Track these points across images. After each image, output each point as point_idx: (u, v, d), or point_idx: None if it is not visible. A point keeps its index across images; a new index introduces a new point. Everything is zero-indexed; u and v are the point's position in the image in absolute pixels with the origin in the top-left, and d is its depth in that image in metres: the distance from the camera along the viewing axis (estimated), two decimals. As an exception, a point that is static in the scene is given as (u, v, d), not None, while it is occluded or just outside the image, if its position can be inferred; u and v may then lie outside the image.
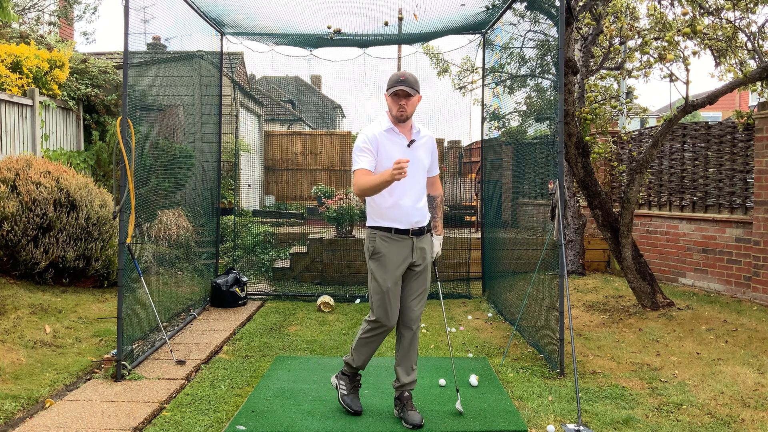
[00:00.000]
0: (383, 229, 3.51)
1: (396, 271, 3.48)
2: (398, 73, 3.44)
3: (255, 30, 6.74)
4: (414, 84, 3.43)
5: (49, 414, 3.61)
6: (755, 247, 6.54)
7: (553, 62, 5.13)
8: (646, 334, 5.33)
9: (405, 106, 3.41)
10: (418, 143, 3.54)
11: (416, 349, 3.61)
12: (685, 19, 5.85)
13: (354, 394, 3.74)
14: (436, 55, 9.03)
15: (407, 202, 3.48)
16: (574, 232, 8.29)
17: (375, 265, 3.51)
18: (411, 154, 3.48)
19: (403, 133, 3.52)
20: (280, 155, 13.85)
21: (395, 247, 3.48)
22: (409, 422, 3.50)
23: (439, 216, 3.73)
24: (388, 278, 3.46)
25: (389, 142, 3.47)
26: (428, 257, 3.59)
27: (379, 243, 3.50)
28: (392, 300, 3.48)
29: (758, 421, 3.53)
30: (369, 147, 3.43)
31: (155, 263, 6.71)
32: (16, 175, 6.03)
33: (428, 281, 3.62)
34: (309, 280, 8.14)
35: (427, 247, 3.59)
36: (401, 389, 3.63)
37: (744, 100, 30.61)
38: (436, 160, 3.68)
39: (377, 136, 3.46)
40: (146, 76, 5.77)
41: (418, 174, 3.52)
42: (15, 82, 7.36)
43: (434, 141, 3.66)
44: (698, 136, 7.51)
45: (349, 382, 3.74)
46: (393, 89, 3.39)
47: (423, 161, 3.56)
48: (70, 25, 16.09)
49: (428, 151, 3.61)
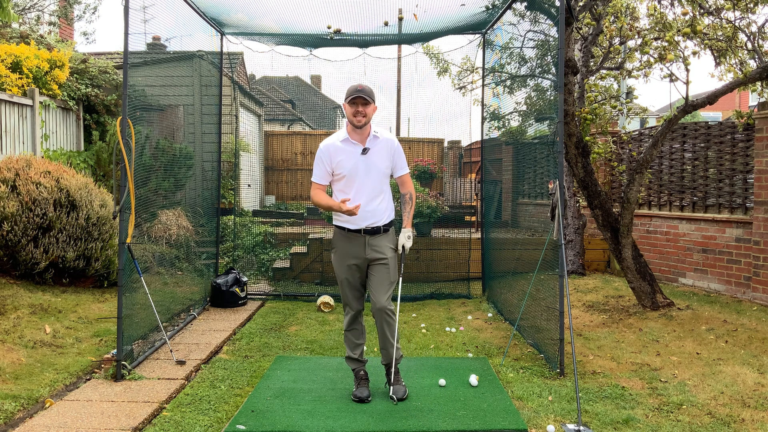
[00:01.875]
0: (339, 228, 3.94)
1: (348, 265, 3.89)
2: (355, 85, 3.81)
3: (255, 30, 6.74)
4: (370, 94, 3.81)
5: (49, 414, 3.61)
6: (755, 247, 6.54)
7: (553, 62, 5.13)
8: (646, 334, 5.33)
9: (362, 111, 3.76)
10: (373, 150, 3.85)
11: (392, 330, 3.90)
12: (685, 19, 5.85)
13: (362, 386, 3.97)
14: (436, 55, 9.02)
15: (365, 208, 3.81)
16: (574, 232, 8.29)
17: (333, 258, 4.00)
18: (365, 161, 3.83)
19: (360, 141, 3.85)
20: (280, 155, 13.85)
21: (348, 244, 3.90)
22: (393, 395, 3.88)
23: (407, 211, 3.99)
24: (342, 270, 3.92)
25: (343, 152, 3.83)
26: (387, 252, 3.89)
27: (336, 239, 3.98)
28: (347, 288, 3.94)
29: (758, 421, 3.53)
30: (322, 158, 3.86)
31: (155, 263, 6.71)
32: (16, 175, 6.03)
33: (391, 272, 3.91)
34: (309, 280, 8.14)
35: (385, 243, 3.91)
36: (388, 366, 4.00)
37: (744, 100, 30.60)
38: (401, 160, 3.96)
39: (329, 147, 3.85)
40: (146, 76, 5.77)
41: (371, 178, 3.84)
42: (15, 82, 7.36)
43: (394, 143, 3.93)
44: (698, 136, 7.51)
45: (355, 379, 4.03)
46: (351, 97, 3.75)
47: (378, 165, 3.85)
48: (70, 25, 16.09)
49: (387, 154, 3.90)
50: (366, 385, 3.98)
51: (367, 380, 4.02)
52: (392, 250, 3.96)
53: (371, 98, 3.80)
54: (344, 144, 3.85)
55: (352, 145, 3.85)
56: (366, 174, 3.83)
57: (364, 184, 3.83)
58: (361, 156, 3.83)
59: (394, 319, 3.91)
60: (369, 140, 3.86)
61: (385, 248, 3.91)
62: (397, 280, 3.97)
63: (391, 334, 3.91)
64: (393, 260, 3.95)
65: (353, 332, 4.04)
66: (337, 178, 3.88)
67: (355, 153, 3.83)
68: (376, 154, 3.87)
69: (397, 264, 3.98)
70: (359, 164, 3.82)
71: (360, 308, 4.02)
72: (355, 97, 3.74)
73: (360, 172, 3.82)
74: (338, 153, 3.84)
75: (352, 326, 4.03)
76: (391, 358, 3.97)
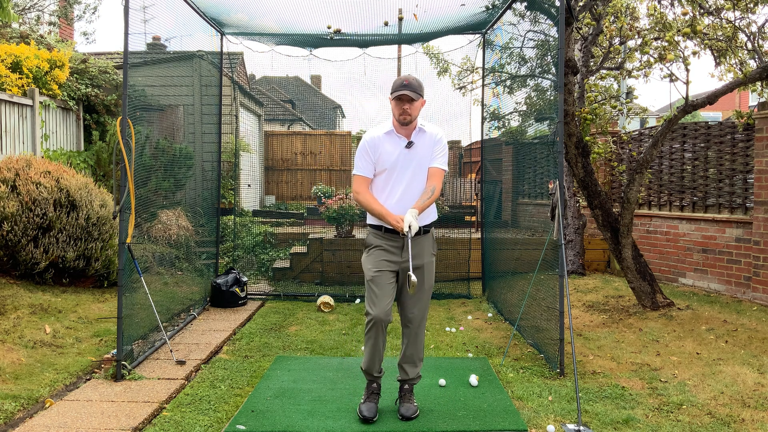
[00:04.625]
0: (375, 227, 3.62)
1: (382, 262, 3.52)
2: (402, 78, 3.48)
3: (255, 30, 6.74)
4: (418, 89, 3.46)
5: (49, 414, 3.61)
6: (755, 247, 6.54)
7: (553, 62, 5.13)
8: (646, 334, 5.33)
9: (408, 111, 3.46)
10: (418, 144, 3.57)
11: (418, 346, 3.64)
12: (685, 19, 5.85)
13: (370, 401, 3.65)
14: (436, 55, 9.02)
15: (398, 204, 3.53)
16: (574, 232, 8.29)
17: (365, 258, 3.63)
18: (409, 154, 3.55)
19: (405, 134, 3.57)
20: (280, 155, 13.85)
21: (385, 243, 3.57)
22: (400, 413, 3.61)
23: (423, 199, 3.52)
24: (373, 267, 3.53)
25: (388, 143, 3.55)
26: (425, 256, 3.59)
27: (371, 239, 3.64)
28: (376, 289, 3.49)
29: (758, 421, 3.53)
30: (367, 150, 3.56)
31: (155, 263, 6.71)
32: (16, 175, 6.03)
33: (427, 279, 3.60)
34: (309, 280, 8.14)
35: (425, 246, 3.60)
36: (402, 383, 3.72)
37: (744, 100, 30.61)
38: (438, 152, 3.60)
39: (376, 139, 3.56)
40: (146, 76, 5.77)
41: (415, 175, 3.56)
42: (15, 82, 7.36)
43: (436, 136, 3.61)
44: (698, 136, 7.51)
45: (366, 389, 3.72)
46: (396, 93, 3.43)
47: (421, 161, 3.57)
48: (70, 25, 16.09)
49: (428, 147, 3.59)
50: (375, 401, 3.66)
51: (378, 395, 3.69)
52: (431, 255, 3.65)
53: (419, 93, 3.47)
54: (388, 136, 3.56)
55: (396, 138, 3.56)
56: (408, 169, 3.54)
57: (405, 179, 3.54)
58: (404, 150, 3.54)
59: (423, 333, 3.64)
60: (414, 134, 3.58)
61: (425, 252, 3.60)
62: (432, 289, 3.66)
63: (417, 350, 3.62)
64: (431, 266, 3.64)
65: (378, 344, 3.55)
66: (378, 171, 3.58)
67: (399, 146, 3.54)
68: (421, 148, 3.57)
69: (433, 270, 3.68)
70: (402, 158, 3.54)
71: (387, 318, 3.50)
72: (400, 94, 3.43)
73: (402, 166, 3.54)
74: (382, 145, 3.55)
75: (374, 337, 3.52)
76: (409, 376, 3.69)
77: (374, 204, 3.53)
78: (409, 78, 3.47)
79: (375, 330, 3.51)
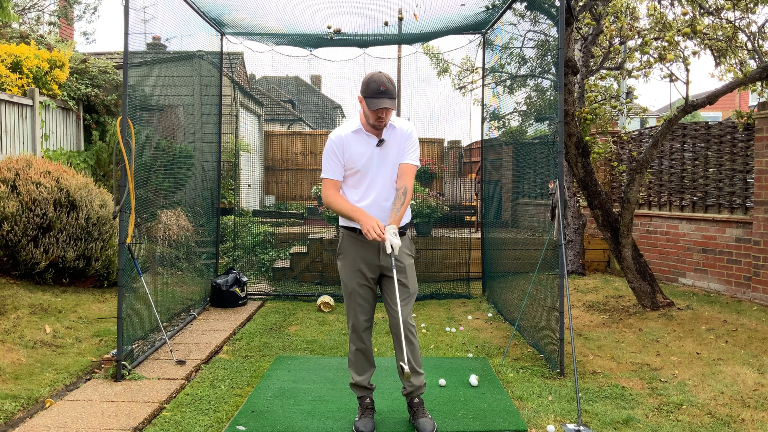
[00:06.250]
0: (349, 229, 3.43)
1: (358, 273, 3.39)
2: (377, 81, 3.18)
3: (255, 30, 6.74)
4: (394, 94, 3.26)
5: (49, 414, 3.61)
6: (755, 247, 6.54)
7: (553, 62, 5.13)
8: (646, 334, 5.33)
9: (384, 118, 3.26)
10: (389, 141, 3.37)
11: (415, 353, 3.40)
12: (685, 19, 5.85)
13: (366, 417, 3.47)
14: (436, 55, 9.03)
15: (373, 204, 3.36)
16: (574, 232, 8.29)
17: (340, 265, 3.48)
18: (381, 153, 3.36)
19: (374, 133, 3.36)
20: (280, 155, 13.85)
21: (360, 248, 3.39)
22: (421, 430, 3.36)
23: (397, 207, 3.31)
24: (351, 278, 3.40)
25: (357, 143, 3.34)
26: (404, 258, 3.39)
27: (344, 242, 3.45)
28: (356, 300, 3.40)
29: (758, 421, 3.53)
30: (335, 151, 3.34)
31: (155, 263, 6.71)
32: (16, 175, 6.03)
33: (410, 281, 3.42)
34: (309, 280, 8.14)
35: (402, 247, 3.37)
36: (410, 396, 3.50)
37: (744, 100, 30.62)
38: (409, 147, 3.40)
39: (343, 138, 3.34)
40: (146, 76, 5.77)
41: (386, 173, 3.38)
42: (15, 82, 7.36)
43: (406, 131, 3.40)
44: (698, 136, 7.51)
45: (360, 406, 3.55)
46: (376, 106, 3.17)
47: (393, 159, 3.39)
48: (70, 25, 16.09)
49: (399, 143, 3.39)
50: (371, 416, 3.48)
51: (373, 410, 3.53)
52: (409, 257, 3.46)
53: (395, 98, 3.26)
54: (356, 135, 3.34)
55: (366, 136, 3.34)
56: (381, 168, 3.35)
57: (379, 179, 3.35)
58: (376, 148, 3.34)
59: (416, 337, 3.40)
60: (385, 131, 3.35)
61: (402, 254, 3.38)
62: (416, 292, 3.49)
63: (414, 357, 3.37)
64: (411, 268, 3.45)
65: (364, 354, 3.47)
66: (349, 173, 3.37)
67: (369, 145, 3.33)
68: (392, 145, 3.37)
69: (414, 272, 3.50)
70: (374, 157, 3.33)
71: (369, 326, 3.46)
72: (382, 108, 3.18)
73: (374, 166, 3.34)
74: (350, 144, 3.32)
75: (361, 346, 3.46)
76: (413, 387, 3.45)
77: (347, 207, 3.31)
78: (385, 83, 3.18)
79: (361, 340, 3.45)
